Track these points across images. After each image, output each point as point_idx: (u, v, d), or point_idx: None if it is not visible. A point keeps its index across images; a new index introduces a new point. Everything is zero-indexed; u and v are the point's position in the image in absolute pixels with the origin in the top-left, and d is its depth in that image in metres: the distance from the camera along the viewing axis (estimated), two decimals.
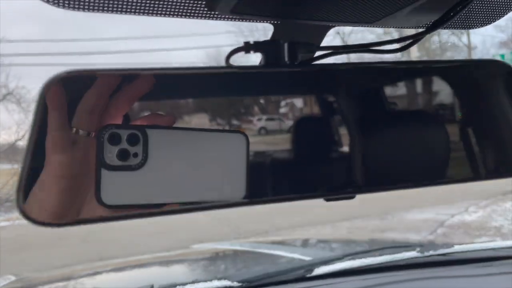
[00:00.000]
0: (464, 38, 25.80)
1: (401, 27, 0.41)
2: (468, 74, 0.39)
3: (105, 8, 0.33)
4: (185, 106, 0.31)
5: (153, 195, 0.29)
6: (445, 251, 1.18)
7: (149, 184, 0.29)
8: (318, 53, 0.34)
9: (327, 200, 0.35)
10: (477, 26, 0.46)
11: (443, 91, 0.36)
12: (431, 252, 1.17)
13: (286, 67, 0.29)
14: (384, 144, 0.34)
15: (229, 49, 0.34)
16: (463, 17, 0.41)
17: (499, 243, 1.21)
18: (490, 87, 0.36)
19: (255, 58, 0.34)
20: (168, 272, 1.60)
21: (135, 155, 0.28)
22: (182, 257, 1.94)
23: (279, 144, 0.30)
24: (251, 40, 0.31)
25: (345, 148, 0.34)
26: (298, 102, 0.33)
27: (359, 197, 0.30)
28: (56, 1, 0.30)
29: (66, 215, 0.32)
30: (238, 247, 1.86)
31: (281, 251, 1.55)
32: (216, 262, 1.63)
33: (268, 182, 0.31)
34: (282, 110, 0.31)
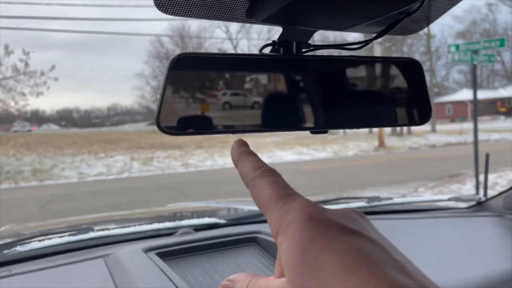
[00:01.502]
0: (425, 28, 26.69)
1: (360, 33, 0.67)
2: (397, 66, 0.66)
3: (181, 14, 0.57)
4: (236, 82, 0.56)
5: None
6: (387, 202, 1.48)
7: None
8: (312, 48, 0.60)
9: (304, 130, 0.60)
10: (409, 33, 0.73)
11: (384, 76, 0.64)
12: (376, 203, 1.47)
13: (294, 56, 0.56)
14: (340, 102, 0.60)
15: (192, 22, 0.58)
16: (400, 28, 0.68)
17: (429, 197, 1.52)
18: (408, 75, 0.64)
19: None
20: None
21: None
22: (164, 213, 2.14)
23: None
24: (258, 39, 0.57)
25: (309, 113, 0.59)
26: (293, 80, 0.59)
27: (314, 178, 0.37)
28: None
29: None
30: (215, 204, 2.10)
31: (250, 207, 1.78)
32: (200, 213, 1.85)
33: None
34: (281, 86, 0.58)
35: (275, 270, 0.30)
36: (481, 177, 4.90)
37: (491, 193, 1.60)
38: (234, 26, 36.66)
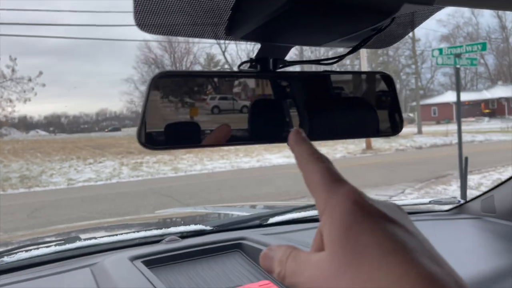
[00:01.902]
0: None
1: (336, 47, 0.70)
2: (369, 78, 0.70)
3: (161, 33, 0.59)
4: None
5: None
6: None
7: None
8: (288, 65, 0.64)
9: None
10: (384, 46, 0.76)
11: (357, 89, 0.67)
12: None
13: (271, 72, 0.59)
14: (316, 115, 0.63)
15: None
16: (374, 42, 0.71)
17: (410, 200, 1.56)
18: (379, 86, 0.67)
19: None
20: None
21: None
22: (150, 220, 2.15)
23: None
24: (253, 57, 0.59)
25: (296, 119, 0.62)
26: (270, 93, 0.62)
27: (302, 181, 0.35)
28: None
29: None
30: (202, 210, 2.12)
31: (238, 212, 1.80)
32: (187, 220, 1.87)
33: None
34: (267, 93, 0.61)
35: (312, 245, 0.33)
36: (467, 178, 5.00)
37: (474, 193, 1.65)
38: None
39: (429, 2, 0.50)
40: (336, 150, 14.57)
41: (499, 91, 35.41)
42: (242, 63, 0.62)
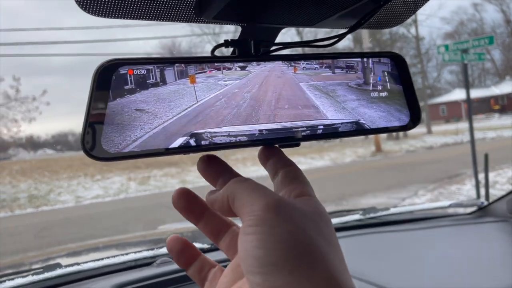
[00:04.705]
0: (413, 30, 27.06)
1: (332, 28, 0.58)
2: (377, 61, 0.57)
3: (110, 14, 0.47)
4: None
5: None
6: (384, 213, 1.38)
7: None
8: (274, 47, 0.51)
9: (280, 146, 0.50)
10: (388, 26, 0.64)
11: (366, 72, 0.55)
12: (372, 215, 1.37)
13: (252, 57, 0.46)
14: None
15: (182, 39, 0.49)
16: (376, 20, 0.59)
17: (428, 204, 1.43)
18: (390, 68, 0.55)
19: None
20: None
21: None
22: (150, 237, 2.05)
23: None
24: (229, 38, 0.47)
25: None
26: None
27: (316, 185, 0.40)
28: (88, 8, 0.45)
29: None
30: None
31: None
32: (187, 236, 1.76)
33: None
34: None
35: None
36: (480, 176, 4.83)
37: (491, 192, 1.51)
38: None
39: None
40: (345, 155, 14.38)
41: (508, 87, 34.97)
42: (216, 46, 0.50)
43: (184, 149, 0.44)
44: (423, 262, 1.08)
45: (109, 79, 0.42)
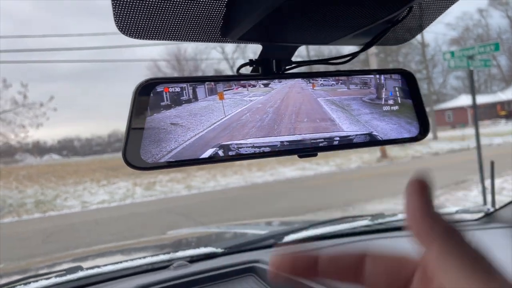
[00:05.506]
0: (418, 36, 27.09)
1: (346, 45, 0.62)
2: (388, 77, 0.61)
3: (147, 36, 0.52)
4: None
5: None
6: (392, 218, 1.41)
7: None
8: (293, 65, 0.56)
9: (300, 156, 0.54)
10: (399, 43, 0.68)
11: (379, 88, 0.59)
12: (380, 220, 1.40)
13: (274, 75, 0.51)
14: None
15: (187, 46, 0.54)
16: (389, 38, 0.63)
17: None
18: (400, 86, 0.59)
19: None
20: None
21: None
22: (161, 241, 2.08)
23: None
24: (253, 58, 0.52)
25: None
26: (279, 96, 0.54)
27: (322, 191, 0.37)
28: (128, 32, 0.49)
29: None
30: (215, 230, 2.03)
31: (252, 230, 1.72)
32: (198, 241, 1.79)
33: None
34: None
35: None
36: (487, 182, 4.82)
37: (498, 199, 1.53)
38: (230, 47, 37.04)
39: None
40: (350, 161, 14.37)
41: None
42: (242, 66, 0.54)
43: (213, 159, 0.48)
44: None
45: (148, 96, 0.46)
